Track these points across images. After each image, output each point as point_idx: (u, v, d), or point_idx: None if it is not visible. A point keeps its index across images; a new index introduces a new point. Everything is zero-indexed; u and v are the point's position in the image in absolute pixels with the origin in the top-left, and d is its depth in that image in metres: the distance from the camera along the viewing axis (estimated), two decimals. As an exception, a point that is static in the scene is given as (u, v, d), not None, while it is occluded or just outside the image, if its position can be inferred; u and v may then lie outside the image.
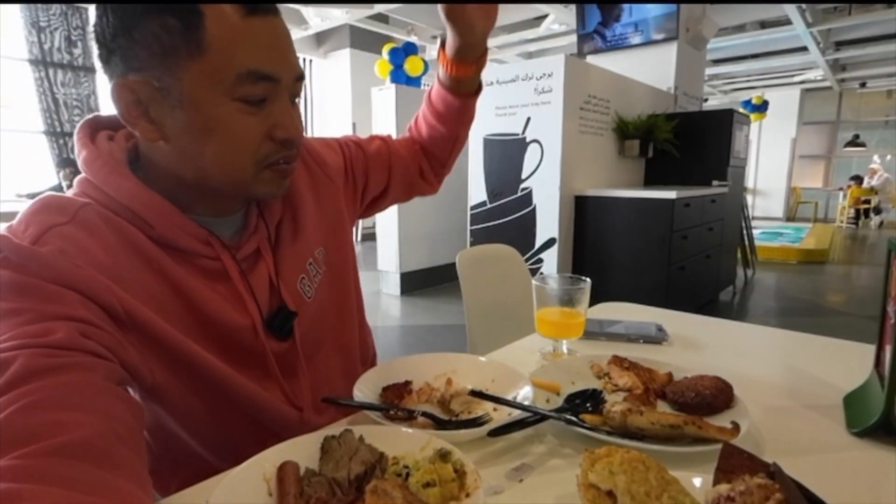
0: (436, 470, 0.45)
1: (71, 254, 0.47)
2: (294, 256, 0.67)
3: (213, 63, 0.50)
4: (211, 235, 0.59)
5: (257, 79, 0.51)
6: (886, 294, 0.63)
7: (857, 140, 10.45)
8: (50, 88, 5.18)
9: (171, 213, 0.55)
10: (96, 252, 0.49)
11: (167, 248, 0.55)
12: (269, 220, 0.66)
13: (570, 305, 0.83)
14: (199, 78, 0.50)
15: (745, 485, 0.38)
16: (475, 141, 3.48)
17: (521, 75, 3.18)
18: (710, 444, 0.53)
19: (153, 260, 0.53)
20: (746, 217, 4.96)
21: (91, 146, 0.56)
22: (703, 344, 0.93)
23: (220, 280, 0.59)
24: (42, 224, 0.48)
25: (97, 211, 0.52)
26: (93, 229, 0.51)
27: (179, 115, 0.52)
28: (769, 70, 8.89)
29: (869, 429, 0.59)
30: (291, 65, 0.55)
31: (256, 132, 0.54)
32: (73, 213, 0.51)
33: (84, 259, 0.48)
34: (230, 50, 0.50)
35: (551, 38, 6.55)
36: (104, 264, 0.49)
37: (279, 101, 0.55)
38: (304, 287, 0.68)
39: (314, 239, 0.71)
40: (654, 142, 3.74)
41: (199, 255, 0.58)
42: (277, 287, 0.64)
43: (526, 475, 0.52)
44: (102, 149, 0.56)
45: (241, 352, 0.60)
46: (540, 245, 3.28)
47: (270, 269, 0.64)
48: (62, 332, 0.42)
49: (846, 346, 0.90)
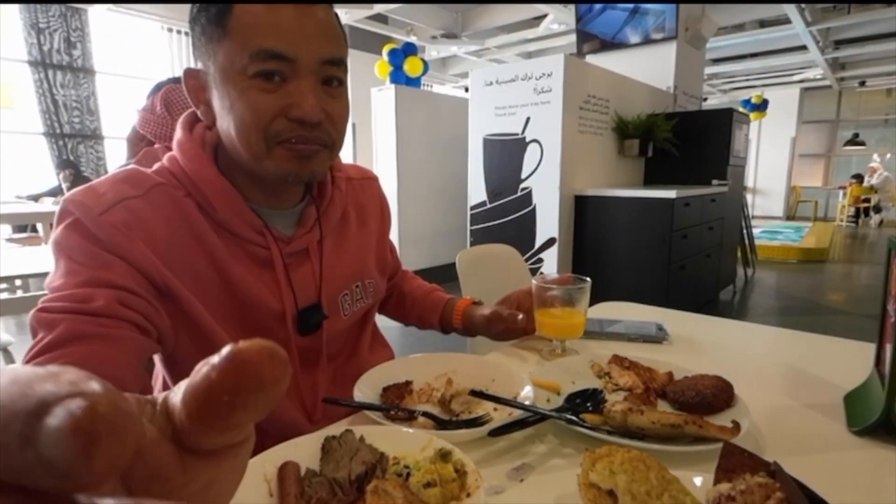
0: (436, 470, 0.45)
1: (132, 226, 0.55)
2: (343, 270, 0.72)
3: (234, 43, 0.55)
4: (265, 227, 0.64)
5: (268, 57, 0.54)
6: (886, 292, 0.63)
7: (857, 139, 10.45)
8: (49, 90, 5.18)
9: (235, 201, 0.61)
10: (155, 228, 0.56)
11: (224, 231, 0.61)
12: (325, 225, 0.70)
13: (571, 305, 0.83)
14: (224, 59, 0.55)
15: (746, 484, 0.38)
16: (475, 141, 3.48)
17: (521, 75, 3.18)
18: (710, 443, 0.53)
19: (205, 242, 0.60)
20: (746, 216, 4.96)
21: (188, 133, 0.63)
22: (704, 343, 0.93)
23: (264, 267, 0.64)
24: (119, 194, 0.56)
25: (168, 192, 0.59)
26: (159, 207, 0.58)
27: (216, 96, 0.58)
28: (768, 69, 8.89)
29: (869, 427, 0.59)
30: (313, 47, 0.56)
31: (269, 108, 0.56)
32: (146, 189, 0.58)
33: (142, 233, 0.55)
34: (247, 31, 0.54)
35: (550, 37, 6.54)
36: (159, 239, 0.56)
37: (298, 80, 0.56)
38: (345, 303, 0.73)
39: (367, 268, 0.77)
40: (654, 141, 3.74)
41: (252, 242, 0.63)
42: (318, 289, 0.68)
43: (527, 475, 0.52)
44: (196, 137, 0.63)
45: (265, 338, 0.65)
46: (540, 245, 3.28)
47: (315, 270, 0.68)
48: (102, 300, 0.50)
49: (846, 345, 0.90)
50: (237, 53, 0.54)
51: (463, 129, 3.56)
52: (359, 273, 0.75)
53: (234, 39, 0.54)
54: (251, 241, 0.62)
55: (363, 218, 0.78)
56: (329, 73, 0.58)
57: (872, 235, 8.51)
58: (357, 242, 0.75)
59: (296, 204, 0.68)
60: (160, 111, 1.53)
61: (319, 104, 0.57)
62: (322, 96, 0.58)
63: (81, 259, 0.53)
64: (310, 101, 0.56)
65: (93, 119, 5.52)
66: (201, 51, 0.58)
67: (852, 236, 8.44)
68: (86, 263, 0.53)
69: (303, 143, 0.58)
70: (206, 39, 0.56)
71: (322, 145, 0.60)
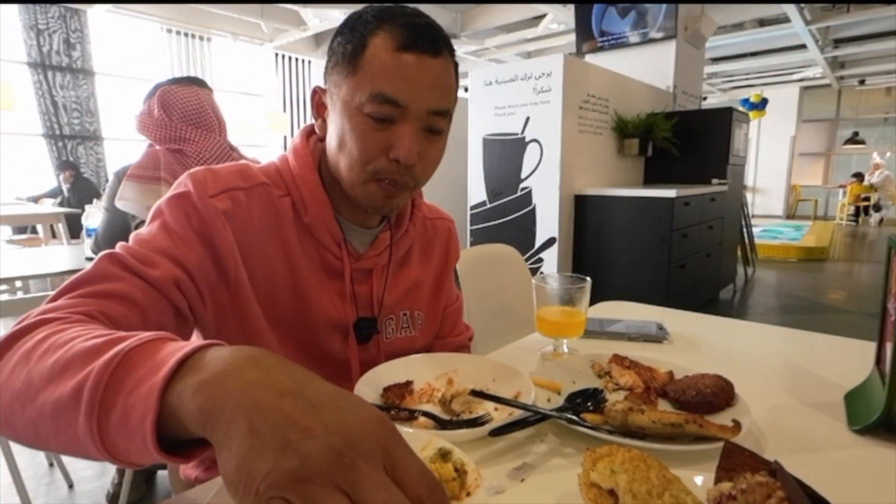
0: (436, 469, 0.45)
1: (231, 216, 0.62)
2: (395, 297, 0.76)
3: (359, 82, 0.60)
4: (344, 240, 0.70)
5: (384, 101, 0.60)
6: (887, 291, 0.63)
7: (857, 137, 10.45)
8: (49, 91, 5.18)
9: (325, 208, 0.68)
10: (250, 221, 0.63)
11: (307, 234, 0.68)
12: (395, 252, 0.75)
13: (571, 304, 0.83)
14: (347, 92, 0.62)
15: (747, 483, 0.38)
16: (475, 141, 3.48)
17: (520, 75, 3.18)
18: (711, 442, 0.53)
19: (287, 244, 0.66)
20: (746, 215, 4.96)
21: (304, 140, 0.71)
22: (704, 342, 0.93)
23: (332, 277, 0.70)
24: (230, 183, 0.63)
25: (269, 192, 0.66)
26: (259, 203, 0.65)
27: (332, 119, 0.65)
28: (768, 68, 8.89)
29: (870, 426, 0.59)
30: (424, 98, 0.61)
31: (374, 146, 0.62)
32: (252, 184, 0.65)
33: (237, 223, 0.62)
34: (373, 74, 0.60)
35: (550, 37, 6.54)
36: (248, 233, 0.63)
37: (403, 126, 0.61)
38: (388, 327, 0.76)
39: (419, 300, 0.80)
40: (654, 140, 3.74)
41: (328, 250, 0.69)
42: (372, 306, 0.73)
43: (527, 474, 0.52)
44: (310, 145, 0.70)
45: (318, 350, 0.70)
46: (540, 244, 3.28)
47: (375, 290, 0.73)
48: (160, 272, 0.55)
49: (847, 344, 0.90)
50: (359, 91, 0.60)
51: (462, 129, 3.56)
52: (408, 303, 0.79)
53: (360, 79, 0.60)
54: (328, 248, 0.69)
55: (427, 255, 0.83)
56: (433, 123, 0.63)
57: (872, 234, 8.51)
58: (414, 276, 0.80)
59: (375, 226, 0.75)
60: (158, 114, 1.53)
61: (416, 148, 0.62)
62: (422, 141, 0.63)
63: (174, 227, 0.59)
64: (407, 147, 0.61)
65: (92, 120, 5.52)
66: (332, 77, 0.64)
67: (852, 235, 8.44)
68: (174, 233, 0.59)
69: (392, 185, 0.64)
70: (338, 71, 0.63)
71: (407, 187, 0.66)
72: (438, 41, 0.62)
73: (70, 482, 1.72)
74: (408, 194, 0.68)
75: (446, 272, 0.87)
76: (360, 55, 0.61)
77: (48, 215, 3.93)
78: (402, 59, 0.60)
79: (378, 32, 0.60)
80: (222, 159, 1.56)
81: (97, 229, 1.68)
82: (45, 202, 4.83)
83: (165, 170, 1.51)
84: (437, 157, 0.67)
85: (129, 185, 1.48)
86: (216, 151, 1.56)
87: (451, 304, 0.89)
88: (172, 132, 1.52)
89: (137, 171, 1.50)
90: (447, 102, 0.64)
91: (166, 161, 1.51)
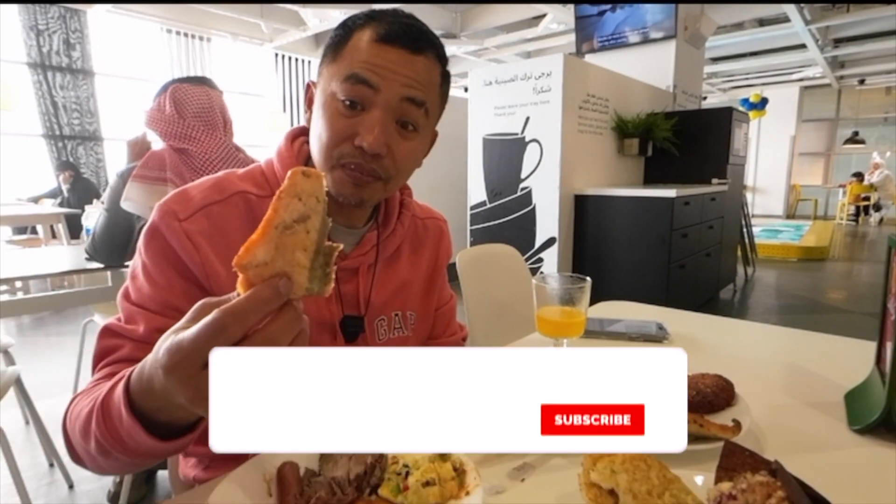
0: (435, 469, 0.45)
1: (207, 233, 0.62)
2: (384, 297, 0.75)
3: (338, 68, 0.61)
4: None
5: (357, 81, 0.59)
6: (887, 291, 0.63)
7: (857, 137, 10.45)
8: (49, 92, 5.18)
9: None
10: (230, 230, 0.63)
11: None
12: (381, 252, 0.73)
13: (571, 304, 0.82)
14: (326, 79, 0.62)
15: (747, 482, 0.37)
16: (474, 141, 3.48)
17: (520, 75, 3.18)
18: (711, 442, 0.53)
19: None
20: (746, 215, 4.96)
21: (289, 144, 0.71)
22: (704, 342, 0.93)
23: None
24: (205, 199, 0.64)
25: (246, 198, 0.66)
26: (236, 210, 0.65)
27: (314, 109, 0.65)
28: (768, 68, 8.89)
29: (870, 426, 0.59)
30: (397, 83, 0.60)
31: (342, 131, 0.61)
32: (228, 195, 0.65)
33: (218, 237, 0.62)
34: (350, 59, 0.60)
35: (550, 37, 6.54)
36: (230, 241, 0.62)
37: (372, 112, 0.60)
38: (380, 328, 0.75)
39: (410, 300, 0.79)
40: (654, 140, 3.74)
41: None
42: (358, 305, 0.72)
43: (528, 475, 0.52)
44: (293, 149, 0.70)
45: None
46: (540, 244, 3.28)
47: (362, 291, 0.72)
48: (142, 327, 0.59)
49: (847, 344, 0.90)
50: (336, 77, 0.61)
51: (462, 129, 3.56)
52: (399, 303, 0.78)
53: (339, 65, 0.61)
54: None
55: (417, 255, 0.82)
56: (407, 114, 0.62)
57: (872, 233, 8.51)
58: (403, 276, 0.79)
59: (361, 227, 0.74)
60: (169, 111, 1.52)
61: (384, 139, 0.60)
62: (392, 133, 0.62)
63: (152, 272, 0.61)
64: (375, 134, 0.60)
65: (92, 121, 5.52)
66: (320, 70, 0.65)
67: (852, 234, 8.45)
68: (153, 279, 0.61)
69: (359, 172, 0.62)
70: (325, 63, 0.64)
71: (376, 177, 0.63)
72: (422, 41, 0.61)
73: (70, 482, 1.72)
74: (380, 186, 0.65)
75: (438, 272, 0.86)
76: (344, 45, 0.61)
77: (48, 216, 3.94)
78: (381, 48, 0.60)
79: (365, 28, 0.61)
80: (228, 160, 1.56)
81: (93, 230, 1.67)
82: (45, 203, 4.83)
83: (171, 170, 1.50)
84: (410, 155, 0.65)
85: (134, 186, 1.48)
86: (222, 152, 1.56)
87: (445, 303, 0.88)
88: (182, 129, 1.52)
89: (143, 171, 1.50)
90: (422, 93, 0.62)
91: (172, 162, 1.51)
